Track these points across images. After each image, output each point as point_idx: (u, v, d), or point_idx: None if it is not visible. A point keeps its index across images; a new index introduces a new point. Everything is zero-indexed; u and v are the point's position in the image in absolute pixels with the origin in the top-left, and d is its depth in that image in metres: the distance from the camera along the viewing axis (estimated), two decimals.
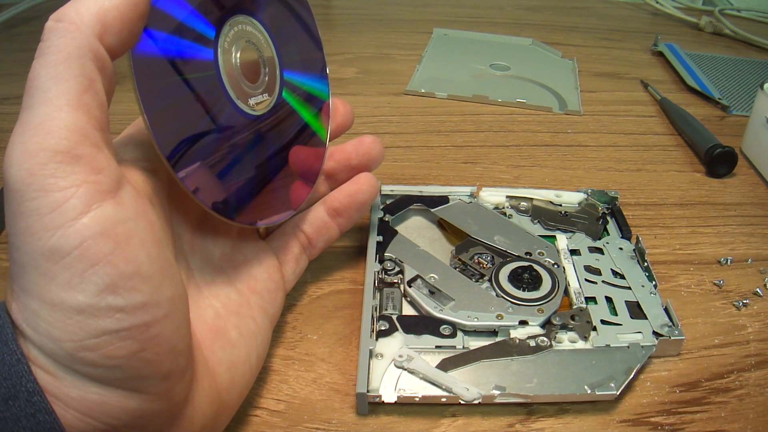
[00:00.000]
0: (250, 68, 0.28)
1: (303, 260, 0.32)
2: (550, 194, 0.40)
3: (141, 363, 0.19)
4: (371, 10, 0.80)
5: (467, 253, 0.36)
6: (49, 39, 0.19)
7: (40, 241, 0.18)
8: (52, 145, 0.18)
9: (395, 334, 0.30)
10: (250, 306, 0.28)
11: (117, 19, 0.20)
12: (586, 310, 0.32)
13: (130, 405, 0.19)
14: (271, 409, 0.28)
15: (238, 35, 0.27)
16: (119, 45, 0.20)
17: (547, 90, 0.59)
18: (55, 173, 0.18)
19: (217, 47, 0.26)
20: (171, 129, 0.23)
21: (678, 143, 0.51)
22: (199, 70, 0.25)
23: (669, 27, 0.77)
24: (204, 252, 0.28)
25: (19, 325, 0.18)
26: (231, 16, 0.26)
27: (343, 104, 0.34)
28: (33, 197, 0.18)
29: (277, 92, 0.30)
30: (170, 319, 0.20)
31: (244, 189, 0.27)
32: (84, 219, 0.18)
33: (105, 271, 0.18)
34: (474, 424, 0.28)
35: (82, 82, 0.19)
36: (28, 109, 0.18)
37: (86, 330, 0.18)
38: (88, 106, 0.19)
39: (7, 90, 0.57)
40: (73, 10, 0.19)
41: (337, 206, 0.33)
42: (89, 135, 0.19)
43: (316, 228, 0.32)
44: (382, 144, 0.34)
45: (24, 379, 0.18)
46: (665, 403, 0.29)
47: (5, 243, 0.38)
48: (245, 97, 0.27)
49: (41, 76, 0.19)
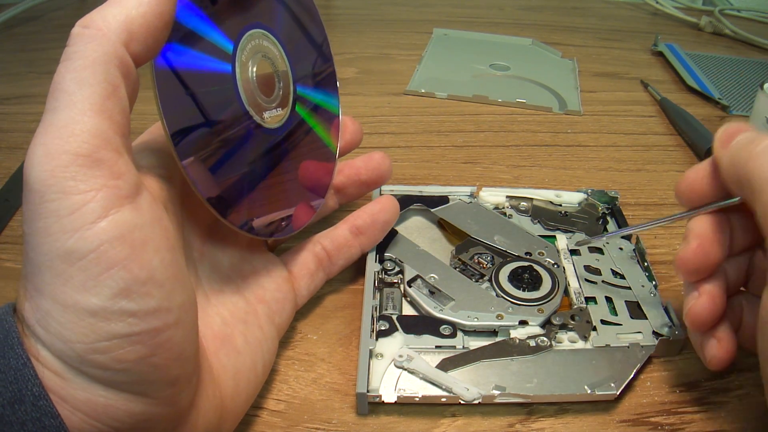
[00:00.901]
0: (265, 82, 0.28)
1: (319, 277, 0.32)
2: (550, 194, 0.40)
3: (149, 367, 0.19)
4: (371, 10, 0.80)
5: (467, 253, 0.36)
6: (76, 44, 0.19)
7: (58, 242, 0.18)
8: (74, 148, 0.18)
9: (395, 334, 0.30)
10: (257, 315, 0.28)
11: (143, 28, 0.20)
12: (586, 310, 0.32)
13: (136, 409, 0.20)
14: (271, 409, 0.28)
15: (255, 49, 0.27)
16: (144, 53, 0.21)
17: (547, 90, 0.59)
18: (75, 176, 0.18)
19: (235, 61, 0.26)
20: (189, 139, 0.24)
21: (678, 143, 0.51)
22: (218, 84, 0.25)
23: (669, 27, 0.77)
24: (213, 260, 0.28)
25: (30, 325, 0.19)
26: (248, 31, 0.27)
27: (353, 122, 0.35)
28: (53, 198, 0.18)
29: (290, 106, 0.30)
30: (180, 326, 0.20)
31: (256, 201, 0.28)
32: (102, 223, 0.18)
33: (120, 276, 0.18)
34: (474, 424, 0.28)
35: (106, 88, 0.19)
36: (52, 112, 0.19)
37: (97, 332, 0.18)
38: (111, 112, 0.19)
39: (7, 90, 0.57)
40: (100, 17, 0.20)
41: (360, 224, 0.33)
42: (111, 140, 0.19)
43: (337, 245, 0.33)
44: (390, 160, 0.35)
45: (30, 383, 0.18)
46: (665, 403, 0.29)
47: (5, 243, 0.39)
48: (260, 110, 0.28)
49: (67, 79, 0.19)
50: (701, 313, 0.26)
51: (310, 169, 0.32)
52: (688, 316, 0.26)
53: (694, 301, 0.26)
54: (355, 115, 0.35)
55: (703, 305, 0.26)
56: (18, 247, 0.38)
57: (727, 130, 0.26)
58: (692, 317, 0.26)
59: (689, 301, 0.26)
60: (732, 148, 0.25)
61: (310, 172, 0.32)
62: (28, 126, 0.51)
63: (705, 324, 0.26)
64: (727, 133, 0.26)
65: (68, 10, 0.78)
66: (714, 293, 0.26)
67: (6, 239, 0.39)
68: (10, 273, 0.36)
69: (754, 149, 0.23)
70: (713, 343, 0.26)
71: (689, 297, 0.27)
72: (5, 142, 0.49)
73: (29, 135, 0.56)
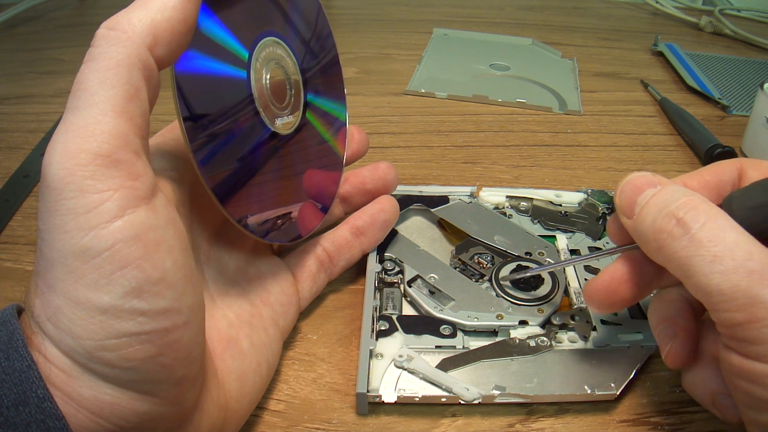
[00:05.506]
0: (277, 89, 0.28)
1: (321, 279, 0.33)
2: (550, 194, 0.40)
3: (157, 367, 0.19)
4: (371, 10, 0.80)
5: (467, 253, 0.36)
6: (101, 45, 0.19)
7: (73, 239, 0.18)
8: (93, 147, 0.18)
9: (395, 334, 0.30)
10: (262, 317, 0.28)
11: (167, 32, 0.20)
12: (586, 310, 0.32)
13: (142, 408, 0.20)
14: (271, 409, 0.28)
15: (268, 57, 0.28)
16: (167, 56, 0.21)
17: (547, 90, 0.59)
18: (94, 175, 0.18)
19: (250, 68, 0.26)
20: (206, 143, 0.24)
21: (678, 143, 0.51)
22: (234, 90, 0.26)
23: (669, 27, 0.77)
24: (219, 263, 0.28)
25: (40, 321, 0.19)
26: (262, 38, 0.27)
27: (359, 132, 0.35)
28: (70, 196, 0.18)
29: (301, 114, 0.30)
30: (189, 326, 0.20)
31: (267, 206, 0.28)
32: (117, 222, 0.18)
33: (133, 275, 0.18)
34: (474, 424, 0.28)
35: (128, 90, 0.19)
36: (74, 111, 0.19)
37: (107, 330, 0.18)
38: (132, 114, 0.19)
39: (7, 90, 0.57)
40: (126, 19, 0.20)
41: (360, 225, 0.33)
42: (130, 141, 0.19)
43: (337, 246, 0.33)
44: (396, 170, 0.35)
45: (34, 385, 0.18)
46: (665, 403, 0.29)
47: (5, 243, 0.38)
48: (273, 117, 0.28)
49: (90, 80, 0.19)
50: (680, 355, 0.25)
51: (317, 177, 0.32)
52: (667, 360, 0.25)
53: (670, 344, 0.25)
54: (355, 115, 0.35)
55: (677, 350, 0.25)
56: (18, 247, 0.38)
57: (624, 198, 0.25)
58: (672, 362, 0.25)
59: (665, 343, 0.25)
60: (646, 222, 0.24)
61: (317, 181, 0.32)
62: (28, 126, 0.51)
63: (687, 362, 0.25)
64: (628, 202, 0.25)
65: (68, 10, 0.78)
66: (687, 330, 0.25)
67: (6, 239, 0.39)
68: (10, 273, 0.36)
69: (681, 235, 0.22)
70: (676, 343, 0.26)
71: (663, 337, 0.26)
72: (5, 142, 0.49)
73: (29, 135, 0.56)
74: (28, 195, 0.43)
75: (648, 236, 0.24)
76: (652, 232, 0.23)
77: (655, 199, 0.24)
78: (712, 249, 0.21)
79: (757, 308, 0.20)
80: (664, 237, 0.23)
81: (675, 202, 0.23)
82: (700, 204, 0.23)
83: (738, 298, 0.20)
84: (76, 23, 0.75)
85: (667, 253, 0.23)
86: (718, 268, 0.21)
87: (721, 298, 0.21)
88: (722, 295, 0.21)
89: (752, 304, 0.20)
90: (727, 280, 0.20)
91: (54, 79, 0.59)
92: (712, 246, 0.21)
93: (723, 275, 0.21)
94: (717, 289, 0.21)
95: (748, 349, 0.20)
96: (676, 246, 0.22)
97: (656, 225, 0.23)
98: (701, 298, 0.22)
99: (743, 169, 0.26)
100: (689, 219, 0.22)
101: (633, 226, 0.25)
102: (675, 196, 0.23)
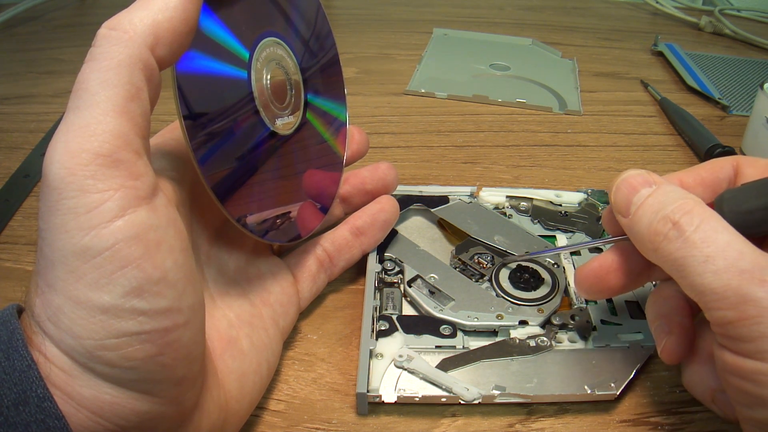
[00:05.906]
0: (278, 89, 0.28)
1: (321, 279, 0.33)
2: (550, 194, 0.40)
3: (157, 366, 0.19)
4: (371, 10, 0.80)
5: (467, 253, 0.36)
6: (102, 45, 0.19)
7: (73, 239, 0.18)
8: (94, 147, 0.18)
9: (395, 334, 0.30)
10: (263, 317, 0.28)
11: (169, 32, 0.20)
12: (586, 310, 0.32)
13: (142, 407, 0.20)
14: (271, 409, 0.28)
15: (269, 57, 0.28)
16: (168, 56, 0.21)
17: (547, 90, 0.59)
18: (95, 175, 0.18)
19: (251, 68, 0.26)
20: (207, 143, 0.24)
21: (678, 143, 0.51)
22: (235, 90, 0.26)
23: (669, 27, 0.77)
24: (219, 263, 0.28)
25: (40, 321, 0.19)
26: (262, 39, 0.27)
27: (359, 132, 0.35)
28: (71, 196, 0.18)
29: (301, 114, 0.30)
30: (189, 326, 0.20)
31: (268, 206, 0.28)
32: (118, 222, 0.18)
33: (133, 275, 0.18)
34: (474, 424, 0.28)
35: (129, 90, 0.19)
36: (75, 111, 0.19)
37: (108, 330, 0.18)
38: (133, 114, 0.19)
39: (7, 90, 0.57)
40: (127, 20, 0.20)
41: (360, 225, 0.33)
42: (131, 141, 0.19)
43: (337, 246, 0.33)
44: (396, 171, 0.35)
45: (34, 385, 0.18)
46: (665, 403, 0.29)
47: (5, 243, 0.39)
48: (273, 117, 0.28)
49: (91, 80, 0.19)
50: (675, 351, 0.25)
51: (317, 177, 0.32)
52: (662, 355, 0.26)
53: (666, 339, 0.26)
54: (355, 115, 0.35)
55: (672, 346, 0.25)
56: (18, 247, 0.38)
57: (620, 197, 0.25)
58: (667, 357, 0.26)
59: (660, 338, 0.26)
60: (642, 223, 0.24)
61: (317, 181, 0.32)
62: (28, 126, 0.51)
63: (681, 358, 0.26)
64: (625, 202, 0.25)
65: (68, 10, 0.78)
66: (683, 327, 0.25)
67: (6, 239, 0.39)
68: (10, 273, 0.36)
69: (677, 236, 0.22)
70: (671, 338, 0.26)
71: (659, 333, 0.26)
72: (4, 142, 0.49)
73: (29, 135, 0.56)
74: (28, 195, 0.43)
75: (644, 237, 0.24)
76: (647, 233, 0.24)
77: (651, 201, 0.24)
78: (705, 250, 0.22)
79: (748, 306, 0.20)
80: (660, 239, 0.23)
81: (670, 205, 0.23)
82: (695, 207, 0.23)
83: (729, 297, 0.21)
84: (76, 23, 0.75)
85: (663, 254, 0.23)
86: (711, 267, 0.21)
87: (714, 296, 0.21)
88: (715, 294, 0.21)
89: (743, 303, 0.20)
90: (719, 279, 0.21)
91: (54, 79, 0.59)
92: (705, 247, 0.22)
93: (715, 275, 0.21)
94: (710, 288, 0.21)
95: (740, 347, 0.21)
96: (671, 248, 0.23)
97: (652, 228, 0.24)
98: (695, 297, 0.22)
99: (739, 166, 0.26)
100: (684, 222, 0.23)
101: (629, 226, 0.25)
102: (670, 199, 0.24)
